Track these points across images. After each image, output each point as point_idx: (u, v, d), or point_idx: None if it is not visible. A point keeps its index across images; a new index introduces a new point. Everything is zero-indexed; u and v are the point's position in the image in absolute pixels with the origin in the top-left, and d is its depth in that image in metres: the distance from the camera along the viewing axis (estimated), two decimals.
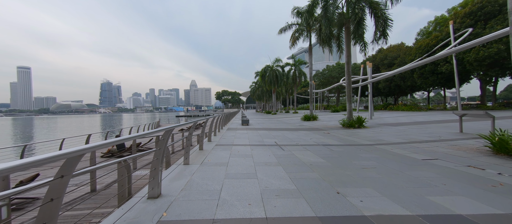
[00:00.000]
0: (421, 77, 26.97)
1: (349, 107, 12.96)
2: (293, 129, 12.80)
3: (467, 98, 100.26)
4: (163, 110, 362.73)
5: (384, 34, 12.19)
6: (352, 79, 29.82)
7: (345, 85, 13.06)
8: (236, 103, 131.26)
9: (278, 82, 41.55)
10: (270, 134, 10.14)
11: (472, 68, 21.50)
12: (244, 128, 13.34)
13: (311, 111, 20.35)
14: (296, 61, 44.86)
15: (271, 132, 10.96)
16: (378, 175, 3.81)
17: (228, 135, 10.02)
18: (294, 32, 20.74)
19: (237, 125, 16.03)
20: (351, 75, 13.09)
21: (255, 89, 64.80)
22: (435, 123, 13.12)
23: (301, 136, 9.49)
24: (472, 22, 21.24)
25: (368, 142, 7.45)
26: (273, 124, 16.56)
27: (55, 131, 42.50)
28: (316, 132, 10.97)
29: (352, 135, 9.40)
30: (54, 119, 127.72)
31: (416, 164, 4.51)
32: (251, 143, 7.42)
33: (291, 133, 10.47)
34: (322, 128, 12.87)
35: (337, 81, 49.73)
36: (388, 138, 8.36)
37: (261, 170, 4.15)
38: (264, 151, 5.98)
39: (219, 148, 6.56)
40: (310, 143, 7.41)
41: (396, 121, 15.16)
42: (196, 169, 4.20)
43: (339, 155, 5.52)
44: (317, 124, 15.40)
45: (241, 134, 10.15)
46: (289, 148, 6.45)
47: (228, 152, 5.85)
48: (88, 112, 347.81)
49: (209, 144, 7.19)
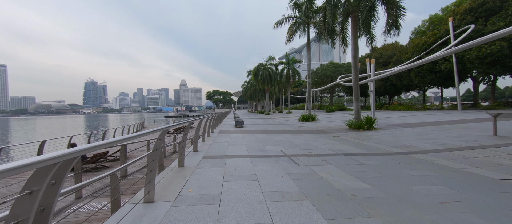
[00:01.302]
0: (419, 76, 26.38)
1: (357, 106, 11.53)
2: (295, 131, 11.17)
3: (450, 98, 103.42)
4: (151, 111, 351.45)
5: (397, 25, 10.85)
6: (345, 79, 28.82)
7: (352, 82, 11.63)
8: (228, 103, 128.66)
9: (272, 81, 40.01)
10: (271, 139, 8.43)
11: (473, 67, 20.99)
12: (239, 131, 11.55)
13: (309, 111, 18.90)
14: (289, 59, 43.58)
15: (271, 136, 9.26)
16: (482, 220, 2.20)
17: (220, 140, 8.20)
18: (291, 26, 19.19)
19: (230, 126, 14.21)
20: (358, 71, 11.67)
21: (247, 88, 63.00)
22: (451, 123, 11.96)
23: (309, 140, 7.86)
24: (473, 18, 20.71)
25: (396, 150, 5.94)
26: (270, 125, 14.88)
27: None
28: (323, 135, 9.40)
29: (367, 139, 7.91)
30: (30, 120, 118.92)
31: (506, 189, 2.97)
32: (251, 153, 5.67)
33: (295, 137, 8.82)
34: (327, 129, 11.36)
35: (332, 81, 49.01)
36: (415, 143, 6.91)
37: (280, 212, 2.42)
38: (272, 168, 4.25)
39: (207, 162, 4.75)
40: (326, 152, 5.78)
41: (404, 122, 13.96)
42: (162, 217, 2.37)
43: (379, 172, 3.90)
44: (318, 125, 13.90)
45: (236, 139, 8.36)
46: (304, 161, 4.77)
47: (220, 171, 4.07)
48: (71, 112, 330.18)
49: (195, 156, 5.37)
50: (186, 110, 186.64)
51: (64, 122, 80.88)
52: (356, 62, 11.44)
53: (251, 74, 49.28)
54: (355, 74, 11.42)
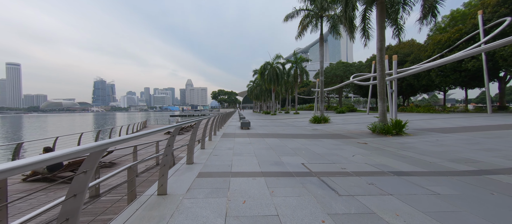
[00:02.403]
0: (440, 75, 24.16)
1: (383, 107, 9.90)
2: (310, 135, 9.65)
3: (461, 100, 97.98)
4: (158, 110, 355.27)
5: (434, 12, 9.18)
6: (360, 78, 26.87)
7: (377, 79, 10.00)
8: (233, 103, 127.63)
9: (278, 81, 38.41)
10: (286, 145, 6.96)
11: (506, 64, 18.80)
12: (245, 133, 10.13)
13: (321, 112, 17.27)
14: (297, 58, 41.91)
15: (284, 141, 7.78)
16: None
17: (224, 146, 6.79)
18: (302, 19, 17.62)
19: (235, 128, 12.80)
20: (385, 67, 10.03)
21: (252, 88, 61.60)
22: (495, 129, 10.13)
23: (332, 148, 6.35)
24: (507, 11, 18.53)
25: (459, 166, 4.37)
26: (280, 128, 13.39)
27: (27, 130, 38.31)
28: (346, 141, 7.85)
29: (405, 148, 6.33)
30: (42, 117, 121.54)
31: None
32: (264, 169, 4.22)
33: (313, 143, 7.31)
34: (347, 134, 9.78)
35: (341, 80, 46.94)
36: (473, 155, 5.30)
37: None
38: (301, 199, 2.78)
39: (203, 186, 3.33)
40: (365, 168, 4.26)
41: (434, 126, 12.18)
42: None
43: (474, 212, 2.37)
44: (334, 128, 12.32)
45: (242, 146, 6.93)
46: (343, 184, 3.28)
47: (220, 204, 2.63)
48: (80, 110, 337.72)
49: (187, 172, 3.96)
50: (191, 109, 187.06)
51: (72, 119, 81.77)
52: (382, 56, 9.82)
53: (257, 73, 47.81)
54: (381, 70, 9.80)
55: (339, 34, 17.98)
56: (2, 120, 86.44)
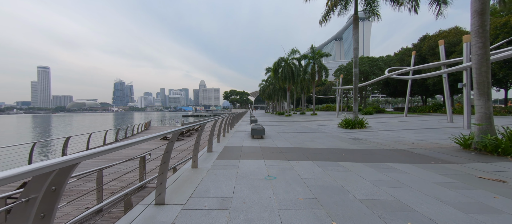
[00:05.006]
0: (505, 68, 18.97)
1: (487, 107, 5.98)
2: (359, 150, 6.03)
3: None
4: (172, 110, 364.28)
5: None
6: (399, 71, 22.17)
7: (475, 63, 6.15)
8: (244, 103, 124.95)
9: (294, 78, 34.41)
10: (340, 185, 3.47)
11: None
12: (257, 147, 6.75)
13: (355, 114, 13.39)
14: (315, 53, 37.76)
15: (329, 168, 4.27)
16: None
17: (222, 176, 3.46)
18: None
19: (243, 136, 9.44)
20: (489, 41, 6.13)
21: (265, 87, 58.14)
22: None
23: (439, 193, 2.75)
24: None
25: None
26: (305, 135, 9.85)
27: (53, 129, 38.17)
28: (441, 168, 4.17)
29: None
30: (68, 116, 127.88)
31: None
32: None
33: (390, 176, 3.75)
34: (419, 150, 6.03)
35: (366, 77, 41.88)
36: None
37: None
38: None
39: None
40: None
41: None
42: None
43: None
44: (383, 138, 8.53)
45: (250, 189, 3.57)
46: None
47: None
48: (101, 110, 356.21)
49: None
50: (204, 109, 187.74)
51: (94, 119, 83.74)
52: (484, 22, 5.94)
53: (270, 71, 44.26)
54: (484, 47, 5.93)
55: (377, 15, 14.04)
56: (33, 119, 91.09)
